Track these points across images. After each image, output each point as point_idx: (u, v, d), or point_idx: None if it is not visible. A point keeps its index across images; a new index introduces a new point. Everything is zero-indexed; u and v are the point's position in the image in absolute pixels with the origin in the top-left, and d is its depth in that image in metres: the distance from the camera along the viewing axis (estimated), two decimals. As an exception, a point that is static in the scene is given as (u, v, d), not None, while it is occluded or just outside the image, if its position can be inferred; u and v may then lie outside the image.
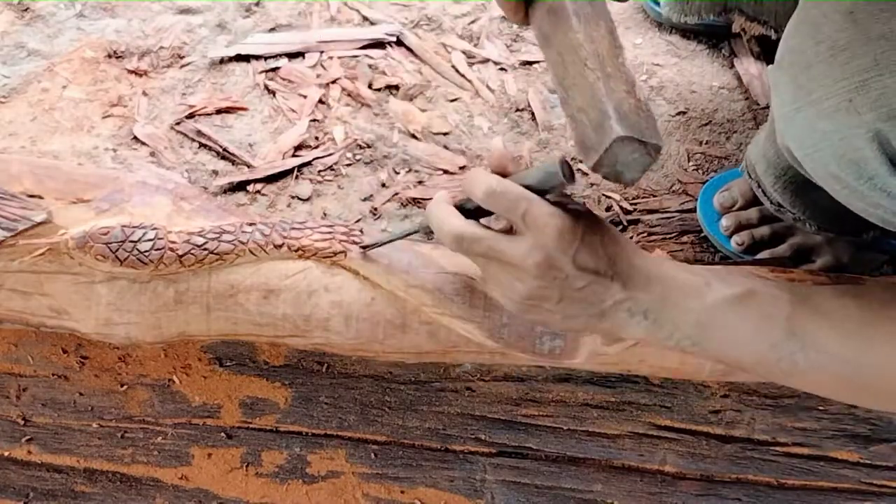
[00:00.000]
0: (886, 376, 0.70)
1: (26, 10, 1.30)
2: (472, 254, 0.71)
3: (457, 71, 1.27)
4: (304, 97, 1.22)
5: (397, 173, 1.14)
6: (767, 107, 1.22)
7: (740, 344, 0.71)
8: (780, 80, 0.83)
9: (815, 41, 0.75)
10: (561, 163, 0.67)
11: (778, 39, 0.80)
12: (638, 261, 0.70)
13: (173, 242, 0.84)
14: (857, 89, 0.74)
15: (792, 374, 0.71)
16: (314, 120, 1.20)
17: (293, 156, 1.16)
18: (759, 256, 1.07)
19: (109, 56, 1.26)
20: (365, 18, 1.31)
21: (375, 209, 1.11)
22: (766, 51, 1.28)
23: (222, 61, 1.26)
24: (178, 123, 1.19)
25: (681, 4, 1.23)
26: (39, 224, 0.84)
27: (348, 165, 1.15)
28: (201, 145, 1.17)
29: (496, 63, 1.28)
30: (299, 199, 1.13)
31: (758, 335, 0.70)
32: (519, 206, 0.68)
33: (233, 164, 1.16)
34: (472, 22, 1.32)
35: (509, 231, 0.71)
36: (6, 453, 1.04)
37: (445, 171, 1.17)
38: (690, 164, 1.19)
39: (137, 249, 0.83)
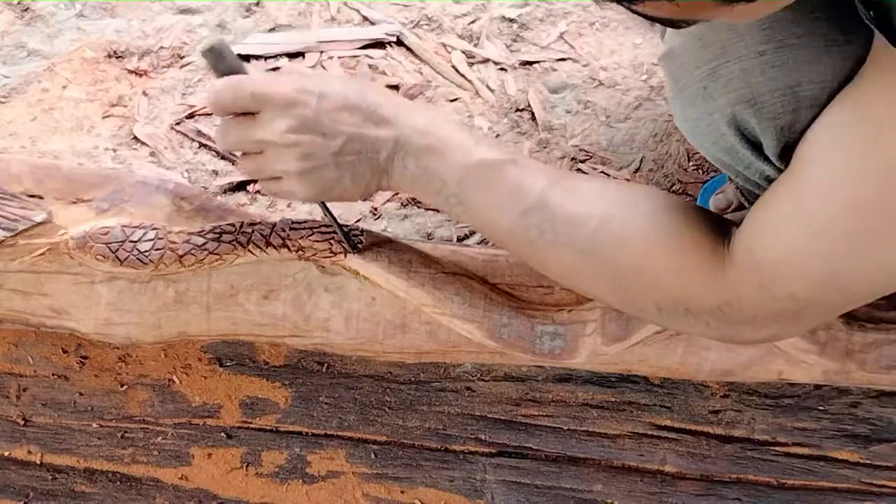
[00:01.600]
0: (621, 263, 0.72)
1: (26, 10, 1.30)
2: (240, 143, 0.72)
3: (457, 71, 1.27)
4: (304, 97, 1.22)
5: (397, 173, 1.14)
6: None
7: (496, 207, 0.73)
8: (663, 70, 0.86)
9: (679, 32, 0.78)
10: (205, 50, 0.69)
11: None
12: (410, 110, 0.72)
13: (173, 242, 0.84)
14: (709, 76, 0.77)
15: (538, 245, 0.73)
16: (314, 120, 1.20)
17: (293, 156, 1.16)
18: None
19: (109, 56, 1.26)
20: (365, 18, 1.31)
21: (375, 209, 1.11)
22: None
23: (222, 61, 1.26)
24: (178, 123, 1.19)
25: None
26: (39, 224, 0.84)
27: (348, 165, 1.15)
28: (201, 145, 1.17)
29: (496, 63, 1.28)
30: (299, 199, 1.13)
31: (512, 199, 0.72)
32: (243, 91, 0.69)
33: (233, 164, 1.16)
34: (472, 22, 1.32)
35: None
36: (6, 453, 1.04)
37: (445, 171, 1.17)
38: (690, 164, 1.19)
39: (137, 249, 0.83)
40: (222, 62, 0.71)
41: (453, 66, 1.27)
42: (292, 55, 1.27)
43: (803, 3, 0.66)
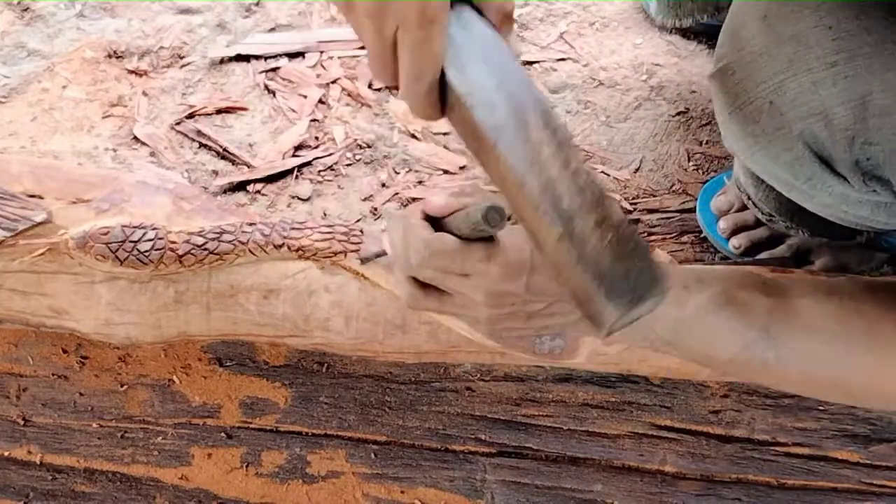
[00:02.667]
0: (855, 374, 0.70)
1: (26, 10, 1.30)
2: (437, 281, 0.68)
3: (457, 71, 1.27)
4: (304, 97, 1.22)
5: (397, 173, 1.14)
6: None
7: (714, 345, 0.71)
8: (714, 87, 0.85)
9: (735, 48, 0.77)
10: (485, 213, 0.60)
11: None
12: None
13: (173, 242, 0.84)
14: (775, 91, 0.75)
15: (761, 371, 0.72)
16: (314, 120, 1.20)
17: (293, 156, 1.16)
18: (759, 257, 1.07)
19: (109, 56, 1.26)
20: (365, 18, 1.32)
21: (375, 209, 1.11)
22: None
23: (222, 61, 1.26)
24: (178, 123, 1.19)
25: (674, 9, 1.23)
26: (39, 224, 0.84)
27: (348, 165, 1.15)
28: (201, 145, 1.17)
29: (496, 63, 1.28)
30: (299, 199, 1.13)
31: (732, 336, 0.70)
32: (454, 264, 0.66)
33: (233, 164, 1.16)
34: (472, 22, 1.32)
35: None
36: (6, 453, 1.04)
37: (445, 171, 1.17)
38: (690, 164, 1.19)
39: (137, 249, 0.83)
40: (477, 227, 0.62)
41: (453, 66, 1.27)
42: (292, 55, 1.27)
43: (876, 9, 0.65)
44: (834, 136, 0.76)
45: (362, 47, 1.27)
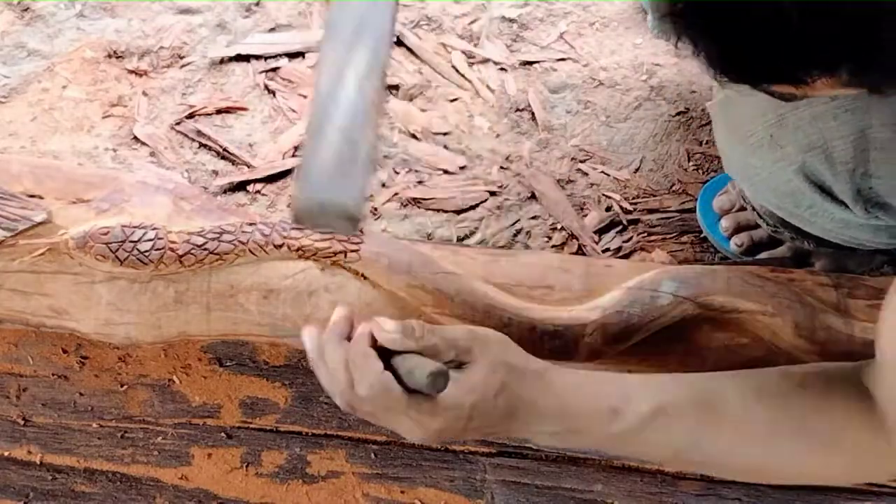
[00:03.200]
0: (786, 471, 0.75)
1: (26, 10, 1.30)
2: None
3: (457, 71, 1.27)
4: (305, 97, 1.22)
5: (397, 173, 1.14)
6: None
7: (646, 454, 0.78)
8: (715, 117, 0.85)
9: None
10: (433, 379, 0.65)
11: None
12: (542, 401, 0.70)
13: (173, 242, 0.84)
14: (776, 124, 0.76)
15: (694, 469, 0.80)
16: (314, 120, 1.20)
17: (293, 156, 1.16)
18: (759, 257, 1.07)
19: (109, 56, 1.26)
20: (365, 18, 1.31)
21: (375, 209, 1.11)
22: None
23: (222, 61, 1.26)
24: (178, 123, 1.19)
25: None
26: (39, 224, 0.84)
27: (348, 165, 1.15)
28: (201, 145, 1.17)
29: (496, 63, 1.28)
30: (299, 199, 1.12)
31: (663, 449, 0.73)
32: (398, 407, 0.68)
33: (233, 164, 1.16)
34: (472, 22, 1.32)
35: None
36: (6, 453, 1.04)
37: (445, 171, 1.17)
38: (690, 164, 1.19)
39: (137, 249, 0.83)
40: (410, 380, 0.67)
41: (453, 66, 1.27)
42: (292, 55, 1.27)
43: None
44: (834, 169, 0.76)
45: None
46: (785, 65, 0.50)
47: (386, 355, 0.68)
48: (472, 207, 1.14)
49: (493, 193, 1.16)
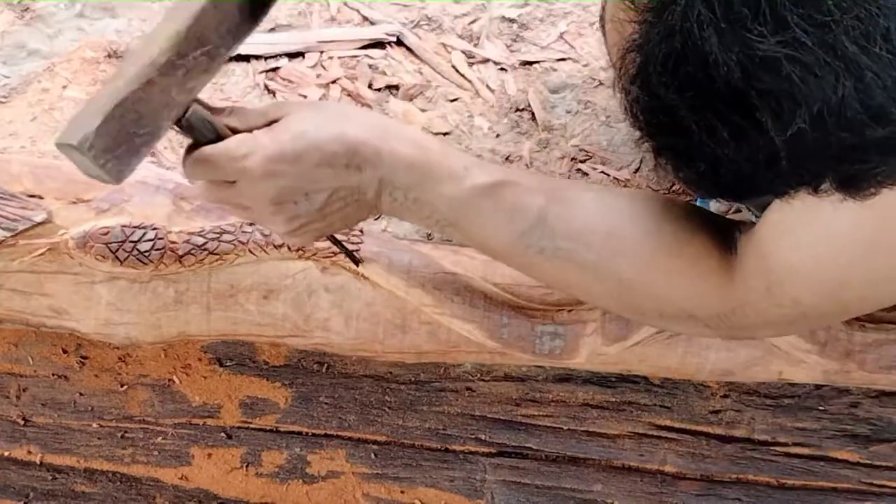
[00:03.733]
0: (626, 273, 0.70)
1: (26, 10, 1.30)
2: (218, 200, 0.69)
3: (457, 71, 1.27)
4: (304, 97, 1.22)
5: (397, 173, 1.14)
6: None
7: (492, 230, 0.71)
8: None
9: None
10: (179, 125, 0.65)
11: None
12: (392, 141, 0.68)
13: (173, 242, 0.84)
14: None
15: (537, 261, 0.71)
16: (314, 120, 1.20)
17: (293, 156, 1.16)
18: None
19: (109, 56, 1.26)
20: (365, 18, 1.31)
21: (375, 209, 1.11)
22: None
23: (222, 61, 1.26)
24: (178, 123, 1.19)
25: None
26: (39, 224, 0.84)
27: (348, 165, 1.15)
28: (201, 145, 1.17)
29: (496, 63, 1.28)
30: (299, 199, 1.13)
31: (509, 223, 0.70)
32: (216, 167, 0.66)
33: (233, 164, 1.16)
34: (472, 22, 1.32)
35: None
36: (6, 453, 1.04)
37: (445, 171, 1.17)
38: (690, 164, 1.19)
39: (137, 249, 0.83)
40: (195, 132, 0.67)
41: (453, 66, 1.27)
42: (292, 55, 1.26)
43: None
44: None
45: (362, 47, 1.27)
46: (770, 188, 0.52)
47: None
48: (472, 207, 1.14)
49: (493, 193, 1.15)
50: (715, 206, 1.11)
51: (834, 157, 0.48)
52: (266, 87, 1.23)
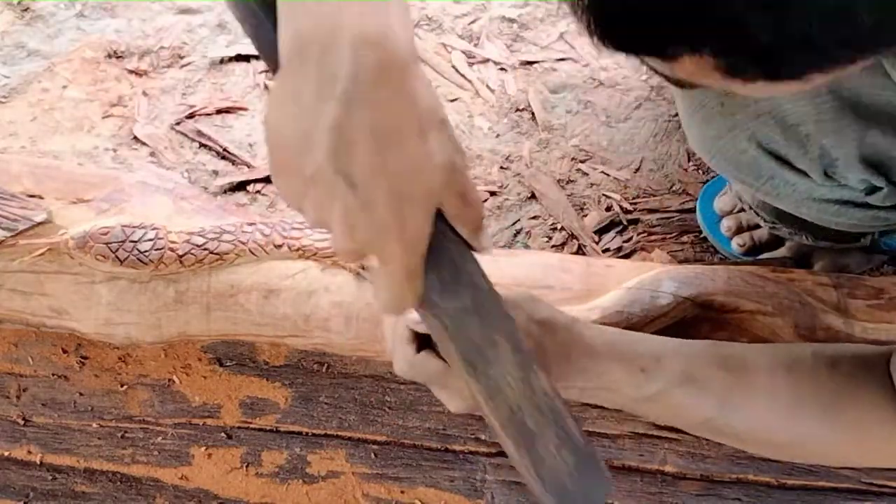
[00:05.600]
0: (810, 450, 0.74)
1: (26, 10, 1.30)
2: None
3: (457, 71, 1.27)
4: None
5: (397, 173, 1.14)
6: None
7: (674, 419, 0.75)
8: (675, 91, 0.85)
9: None
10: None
11: None
12: (573, 355, 0.70)
13: (173, 242, 0.84)
14: (726, 92, 0.76)
15: (721, 439, 0.76)
16: (314, 120, 1.20)
17: (293, 156, 1.16)
18: (759, 258, 1.07)
19: (109, 56, 1.26)
20: (365, 18, 1.32)
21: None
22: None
23: (222, 61, 1.26)
24: (178, 123, 1.19)
25: None
26: (39, 224, 0.84)
27: (348, 165, 1.15)
28: (201, 145, 1.17)
29: (496, 63, 1.28)
30: (299, 199, 1.12)
31: (692, 413, 0.72)
32: (436, 380, 0.67)
33: (233, 164, 1.16)
34: (472, 22, 1.32)
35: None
36: (6, 453, 1.04)
37: (445, 171, 1.17)
38: (690, 164, 1.19)
39: (137, 249, 0.83)
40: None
41: (453, 66, 1.27)
42: (292, 55, 1.26)
43: None
44: (786, 133, 0.76)
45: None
46: (650, 36, 0.48)
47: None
48: (472, 207, 1.14)
49: (493, 193, 1.16)
50: (718, 205, 1.11)
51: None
52: (266, 87, 1.23)
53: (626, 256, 1.11)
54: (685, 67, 0.49)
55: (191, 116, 1.19)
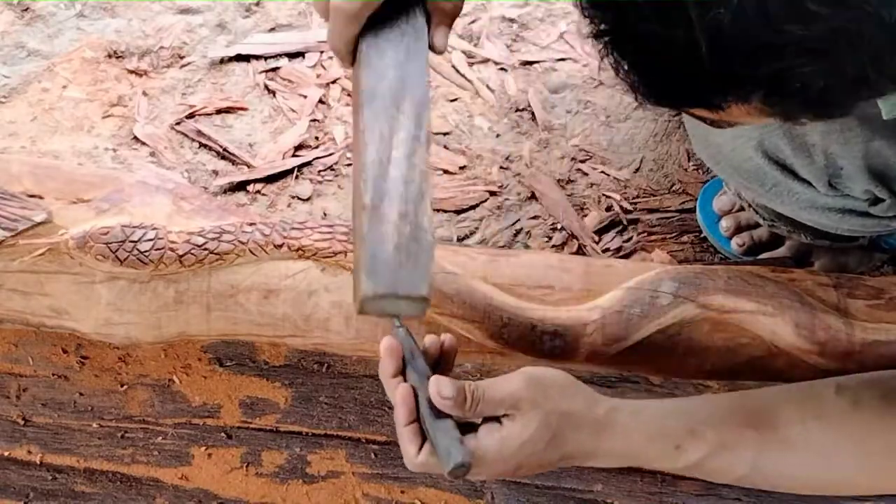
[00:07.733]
0: (847, 487, 0.77)
1: (26, 10, 1.30)
2: None
3: (457, 71, 1.27)
4: (304, 97, 1.22)
5: (397, 173, 1.14)
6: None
7: (708, 478, 0.77)
8: None
9: None
10: (453, 470, 0.64)
11: None
12: (604, 446, 0.71)
13: (173, 242, 0.84)
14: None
15: (763, 488, 0.78)
16: (314, 120, 1.20)
17: (293, 156, 1.16)
18: (759, 257, 1.07)
19: (109, 56, 1.26)
20: (365, 18, 1.32)
21: (375, 209, 1.10)
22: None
23: (222, 61, 1.26)
24: (178, 123, 1.19)
25: None
26: (39, 224, 0.84)
27: (349, 165, 1.15)
28: (201, 145, 1.17)
29: (496, 63, 1.28)
30: (299, 199, 1.13)
31: (726, 474, 0.75)
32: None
33: (233, 164, 1.16)
34: (472, 22, 1.32)
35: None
36: (6, 453, 1.04)
37: (445, 171, 1.17)
38: (690, 164, 1.19)
39: (137, 249, 0.83)
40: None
41: (453, 66, 1.27)
42: (292, 55, 1.27)
43: None
44: (793, 143, 0.76)
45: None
46: (698, 91, 0.51)
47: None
48: (473, 207, 1.14)
49: (493, 193, 1.16)
50: (717, 205, 1.11)
51: (753, 56, 0.47)
52: (266, 87, 1.23)
53: (626, 256, 1.11)
54: (731, 114, 0.51)
55: (191, 116, 1.19)
